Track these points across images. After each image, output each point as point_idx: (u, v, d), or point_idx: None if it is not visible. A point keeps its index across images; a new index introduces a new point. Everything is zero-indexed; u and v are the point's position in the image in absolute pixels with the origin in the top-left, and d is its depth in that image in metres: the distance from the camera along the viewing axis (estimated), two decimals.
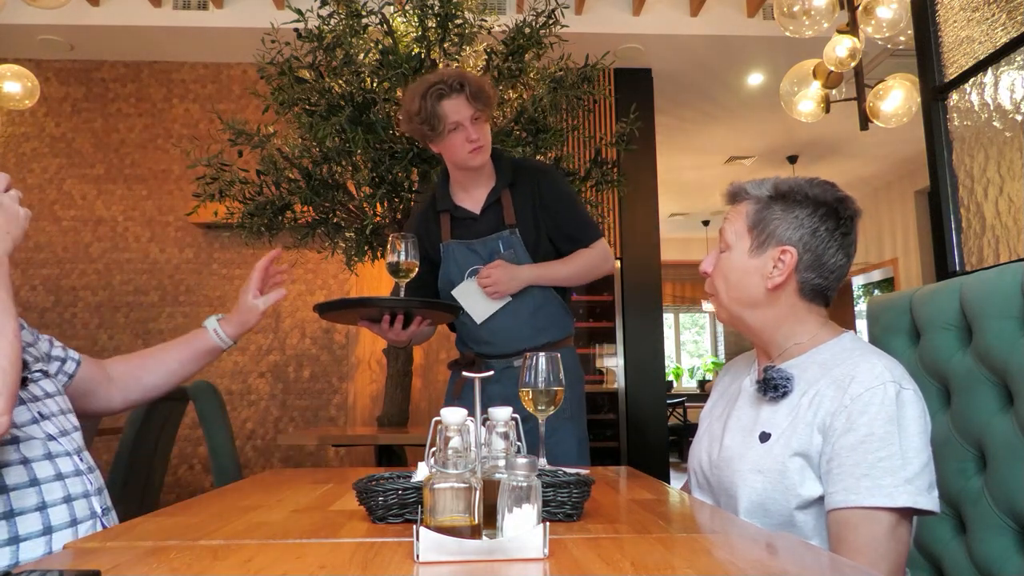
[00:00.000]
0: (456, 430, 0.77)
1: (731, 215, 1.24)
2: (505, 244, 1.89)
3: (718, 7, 4.41)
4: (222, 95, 4.74)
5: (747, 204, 1.21)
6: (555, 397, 1.24)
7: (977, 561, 1.14)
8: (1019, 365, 1.08)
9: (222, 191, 3.14)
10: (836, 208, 1.19)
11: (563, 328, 1.95)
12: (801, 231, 1.17)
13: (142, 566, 0.69)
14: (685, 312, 11.48)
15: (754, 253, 1.19)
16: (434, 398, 4.55)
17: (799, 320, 1.20)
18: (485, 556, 0.70)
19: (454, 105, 1.79)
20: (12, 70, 3.72)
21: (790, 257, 1.16)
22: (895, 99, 3.24)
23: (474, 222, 1.93)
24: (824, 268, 1.18)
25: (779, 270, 1.17)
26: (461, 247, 1.93)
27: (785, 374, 1.16)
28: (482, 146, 1.83)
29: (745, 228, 1.20)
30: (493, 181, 1.94)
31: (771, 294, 1.18)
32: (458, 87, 1.79)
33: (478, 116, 1.81)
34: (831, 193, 1.20)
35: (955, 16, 2.12)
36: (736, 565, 0.73)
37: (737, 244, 1.21)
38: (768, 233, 1.18)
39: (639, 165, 4.78)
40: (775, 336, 1.21)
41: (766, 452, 1.13)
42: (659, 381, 4.87)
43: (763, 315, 1.20)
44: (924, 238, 6.88)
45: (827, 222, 1.18)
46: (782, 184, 1.20)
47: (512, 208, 1.91)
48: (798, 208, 1.18)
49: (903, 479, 1.01)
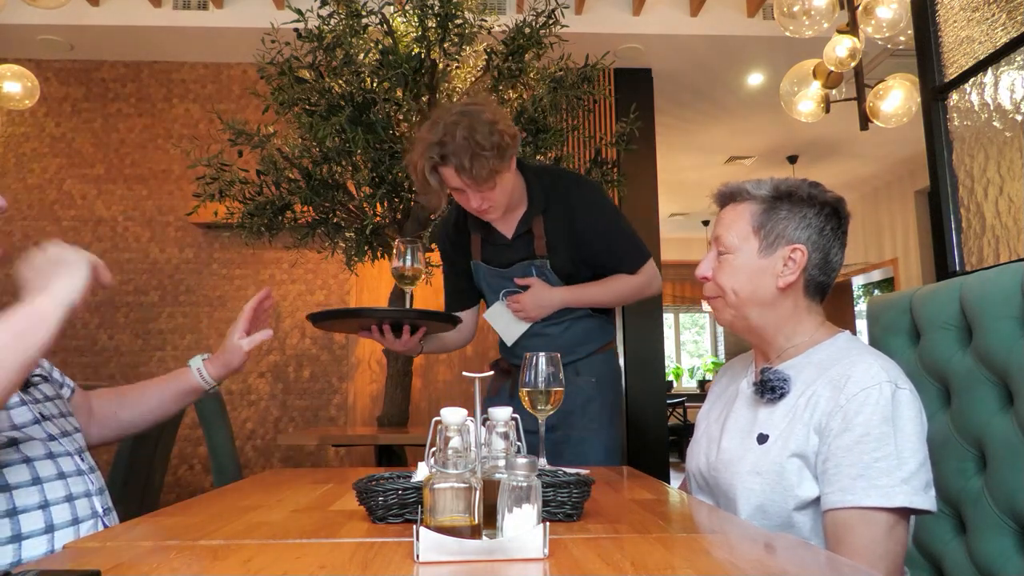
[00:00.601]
0: (456, 430, 0.77)
1: (728, 216, 1.24)
2: (537, 273, 1.80)
3: (718, 7, 4.41)
4: (222, 95, 4.74)
5: (749, 205, 1.22)
6: (555, 397, 1.24)
7: (977, 561, 1.14)
8: (1019, 365, 1.08)
9: (222, 191, 3.14)
10: (837, 208, 1.21)
11: (597, 339, 1.87)
12: (809, 231, 1.19)
13: (142, 566, 0.69)
14: (685, 312, 11.48)
15: (763, 253, 1.19)
16: (434, 398, 4.55)
17: (799, 320, 1.21)
18: (485, 556, 0.70)
19: (449, 174, 1.63)
20: (12, 70, 3.72)
21: (801, 255, 1.18)
22: (895, 99, 3.24)
23: (507, 247, 1.83)
24: (829, 266, 1.20)
25: (790, 268, 1.18)
26: (492, 271, 1.85)
27: (782, 375, 1.16)
28: (488, 208, 1.68)
29: (750, 229, 1.20)
30: (525, 205, 1.80)
31: (780, 293, 1.19)
32: (447, 161, 1.59)
33: (479, 187, 1.63)
34: (828, 193, 1.22)
35: (955, 16, 2.12)
36: (736, 565, 0.73)
37: (743, 245, 1.21)
38: (777, 233, 1.19)
39: (639, 165, 4.77)
40: (776, 337, 1.22)
41: (764, 454, 1.13)
42: (659, 381, 4.87)
43: (769, 315, 1.21)
44: (924, 238, 6.87)
45: (831, 221, 1.20)
46: (783, 184, 1.21)
47: (544, 238, 1.78)
48: (805, 207, 1.19)
49: (899, 479, 1.01)
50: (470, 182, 1.61)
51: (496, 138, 1.57)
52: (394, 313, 1.64)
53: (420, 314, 1.66)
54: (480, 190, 1.63)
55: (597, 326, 1.88)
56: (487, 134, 1.56)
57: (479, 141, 1.55)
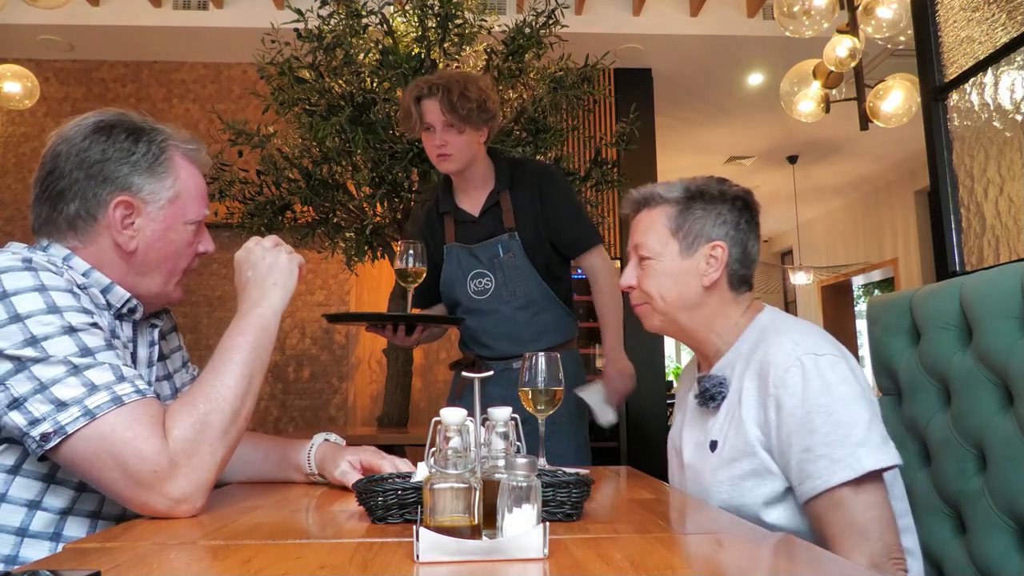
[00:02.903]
0: (456, 430, 0.77)
1: (643, 222, 1.25)
2: (504, 248, 1.88)
3: (718, 7, 4.41)
4: (222, 95, 4.74)
5: (663, 208, 1.23)
6: (554, 397, 1.24)
7: (977, 561, 1.13)
8: (1019, 365, 1.08)
9: (222, 191, 3.14)
10: (747, 200, 1.24)
11: (564, 332, 1.95)
12: (726, 226, 1.21)
13: (142, 566, 0.69)
14: None
15: (685, 255, 1.21)
16: (434, 398, 4.55)
17: (727, 315, 1.23)
18: (485, 556, 0.70)
19: (428, 107, 1.80)
20: (12, 70, 3.72)
21: (721, 252, 1.20)
22: (895, 99, 3.24)
23: (473, 224, 1.93)
24: (748, 258, 1.23)
25: (713, 266, 1.20)
26: (463, 250, 1.93)
27: (717, 379, 1.18)
28: (449, 155, 1.82)
29: (668, 232, 1.22)
30: (492, 184, 1.93)
31: (706, 292, 1.21)
32: (435, 91, 1.78)
33: (452, 124, 1.79)
34: (736, 187, 1.24)
35: (955, 16, 2.12)
36: (736, 565, 0.73)
37: (663, 250, 1.22)
38: (696, 233, 1.21)
39: (639, 165, 4.77)
40: (709, 336, 1.24)
41: (719, 460, 1.15)
42: (659, 381, 4.88)
43: (698, 315, 1.23)
44: (924, 238, 6.87)
45: (744, 213, 1.23)
46: (692, 184, 1.23)
47: (511, 211, 1.90)
48: (718, 204, 1.21)
49: (854, 444, 1.02)
50: (447, 117, 1.78)
51: (483, 95, 1.81)
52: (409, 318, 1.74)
53: (432, 319, 1.85)
54: (449, 130, 1.80)
55: (561, 317, 1.94)
56: (476, 89, 1.80)
57: (469, 87, 1.79)
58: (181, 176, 1.12)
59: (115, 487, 0.91)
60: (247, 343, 1.02)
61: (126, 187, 1.06)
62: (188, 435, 0.93)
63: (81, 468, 0.91)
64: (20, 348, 0.90)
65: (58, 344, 0.91)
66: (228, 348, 1.02)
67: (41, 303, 0.93)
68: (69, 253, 1.06)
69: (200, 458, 0.93)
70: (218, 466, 0.96)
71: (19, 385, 0.89)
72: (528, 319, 1.89)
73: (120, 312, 1.08)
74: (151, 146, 1.09)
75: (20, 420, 0.89)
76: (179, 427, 0.93)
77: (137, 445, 0.90)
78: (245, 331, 1.04)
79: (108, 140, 1.06)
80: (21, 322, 0.91)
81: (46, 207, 1.06)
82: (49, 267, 0.97)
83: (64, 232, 1.06)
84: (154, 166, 1.08)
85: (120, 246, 1.07)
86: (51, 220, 1.06)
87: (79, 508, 1.00)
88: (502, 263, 1.88)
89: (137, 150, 1.07)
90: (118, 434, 0.89)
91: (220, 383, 0.98)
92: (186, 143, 1.15)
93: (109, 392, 0.91)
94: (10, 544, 0.95)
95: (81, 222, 1.05)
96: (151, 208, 1.08)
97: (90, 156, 1.05)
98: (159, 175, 1.09)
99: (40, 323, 0.91)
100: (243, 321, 1.05)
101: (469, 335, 1.95)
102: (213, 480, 0.96)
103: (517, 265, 1.88)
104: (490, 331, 1.90)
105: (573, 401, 1.86)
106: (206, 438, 0.94)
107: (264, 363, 1.05)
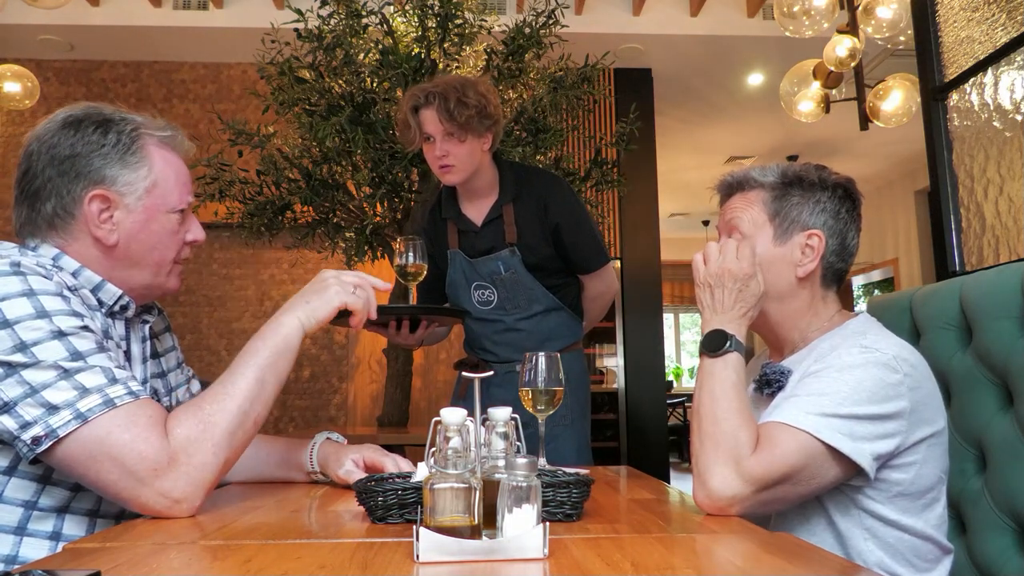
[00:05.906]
0: (456, 430, 0.77)
1: (738, 204, 1.17)
2: (505, 266, 1.84)
3: (718, 7, 4.41)
4: (222, 95, 4.74)
5: (758, 192, 1.15)
6: (555, 397, 1.24)
7: (977, 561, 1.14)
8: (1019, 365, 1.08)
9: (222, 191, 3.14)
10: (849, 189, 1.16)
11: (569, 336, 1.91)
12: (824, 215, 1.13)
13: (142, 566, 0.69)
14: (685, 312, 11.48)
15: (778, 241, 1.13)
16: (434, 398, 4.55)
17: (816, 313, 1.15)
18: (485, 556, 0.70)
19: (426, 116, 1.73)
20: (12, 70, 3.72)
21: (818, 242, 1.12)
22: (895, 99, 3.24)
23: (476, 235, 1.88)
24: (846, 251, 1.15)
25: (809, 256, 1.12)
26: (466, 261, 1.88)
27: (780, 369, 1.13)
28: (451, 165, 1.75)
29: (765, 216, 1.14)
30: (496, 194, 1.86)
31: (798, 284, 1.13)
32: (432, 100, 1.70)
33: (452, 133, 1.72)
34: (837, 175, 1.17)
35: (955, 16, 2.12)
36: (736, 565, 0.73)
37: (758, 233, 1.13)
38: (792, 219, 1.12)
39: (639, 165, 4.77)
40: (791, 333, 1.16)
41: None
42: (659, 381, 4.88)
43: (787, 307, 1.14)
44: (924, 238, 6.87)
45: (845, 203, 1.15)
46: (789, 169, 1.16)
47: (514, 225, 1.83)
48: (817, 191, 1.13)
49: (820, 410, 0.96)
50: (445, 126, 1.71)
51: (483, 100, 1.73)
52: (407, 310, 1.68)
53: (431, 311, 1.78)
54: (450, 140, 1.73)
55: (565, 321, 1.91)
56: (475, 95, 1.72)
57: (467, 93, 1.71)
58: (157, 164, 1.08)
59: (114, 488, 0.91)
60: (263, 347, 1.01)
61: (99, 180, 1.04)
62: (190, 434, 0.93)
63: (76, 471, 0.91)
64: (10, 354, 0.89)
65: (47, 349, 0.90)
66: (243, 352, 1.01)
67: (30, 308, 0.92)
68: (59, 252, 1.04)
69: (202, 458, 0.93)
70: (220, 467, 0.95)
71: (9, 390, 0.89)
72: (532, 327, 1.86)
73: (112, 310, 1.08)
74: (121, 136, 1.06)
75: (11, 424, 0.89)
76: (182, 426, 0.93)
77: (136, 446, 0.89)
78: (264, 335, 1.03)
79: (77, 134, 1.04)
80: (10, 328, 0.90)
81: (25, 207, 1.05)
82: (39, 270, 0.96)
83: (46, 231, 1.05)
84: (126, 156, 1.05)
85: (100, 240, 1.05)
86: (31, 220, 1.05)
87: (75, 507, 1.00)
88: (504, 280, 1.84)
89: (107, 141, 1.05)
90: (115, 436, 0.89)
91: (230, 384, 0.98)
92: (160, 130, 1.12)
93: (101, 395, 0.90)
94: (9, 544, 0.95)
95: (60, 220, 1.04)
96: (128, 200, 1.06)
97: (60, 152, 1.03)
98: (132, 165, 1.06)
99: (29, 328, 0.91)
100: (265, 327, 1.05)
101: (473, 338, 1.94)
102: (214, 481, 0.95)
103: (519, 280, 1.84)
104: (493, 338, 1.89)
105: (575, 401, 1.85)
106: (209, 437, 0.93)
107: (280, 372, 1.02)
